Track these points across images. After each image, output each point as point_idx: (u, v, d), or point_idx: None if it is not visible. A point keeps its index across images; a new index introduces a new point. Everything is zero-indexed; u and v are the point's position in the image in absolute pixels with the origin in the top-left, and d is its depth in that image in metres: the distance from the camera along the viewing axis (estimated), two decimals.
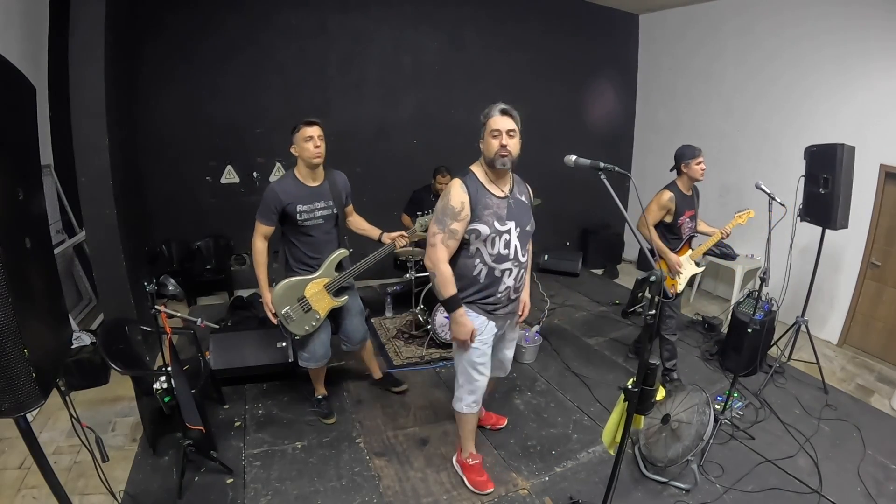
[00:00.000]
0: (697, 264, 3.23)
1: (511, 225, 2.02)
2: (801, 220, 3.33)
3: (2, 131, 1.15)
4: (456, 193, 1.96)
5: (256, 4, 4.44)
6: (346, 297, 2.64)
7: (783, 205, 2.76)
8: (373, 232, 2.71)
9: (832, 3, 4.05)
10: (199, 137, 4.53)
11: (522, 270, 2.14)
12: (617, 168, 1.63)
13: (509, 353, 2.43)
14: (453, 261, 2.05)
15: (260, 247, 2.51)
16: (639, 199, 1.64)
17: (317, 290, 2.55)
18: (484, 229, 1.98)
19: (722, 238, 3.15)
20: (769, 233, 2.58)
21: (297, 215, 2.42)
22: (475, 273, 2.05)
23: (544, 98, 5.69)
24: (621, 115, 6.33)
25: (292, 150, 2.45)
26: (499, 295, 2.10)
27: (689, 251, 3.18)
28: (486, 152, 1.99)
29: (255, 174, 4.80)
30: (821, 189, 3.18)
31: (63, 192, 3.97)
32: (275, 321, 2.56)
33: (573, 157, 1.72)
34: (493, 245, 2.01)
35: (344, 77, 4.89)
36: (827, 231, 3.26)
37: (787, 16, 4.42)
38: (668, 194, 2.98)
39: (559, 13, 5.68)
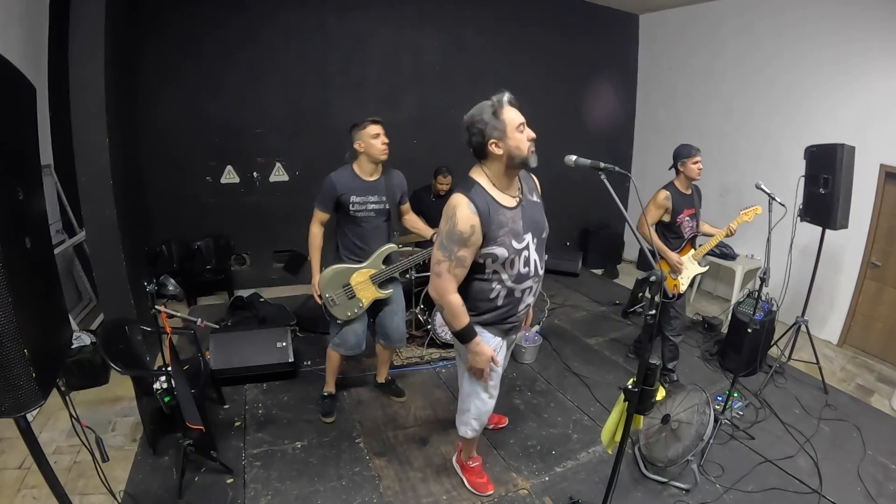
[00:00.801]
0: (700, 264, 3.20)
1: (528, 238, 1.80)
2: (801, 220, 3.33)
3: (2, 131, 1.15)
4: (463, 216, 1.65)
5: (257, 4, 4.44)
6: (391, 289, 2.72)
7: (783, 205, 2.76)
8: (426, 231, 2.79)
9: (832, 4, 4.05)
10: (199, 137, 4.54)
11: (540, 283, 1.95)
12: (617, 168, 1.62)
13: (505, 361, 2.35)
14: (465, 283, 1.80)
15: (315, 231, 2.62)
16: (639, 199, 1.64)
17: (362, 280, 2.63)
18: (502, 252, 1.73)
19: (728, 235, 3.10)
20: (769, 233, 2.58)
21: (350, 206, 2.52)
22: (492, 296, 1.83)
23: (544, 98, 5.68)
24: (621, 115, 6.33)
25: (356, 147, 2.54)
26: (519, 314, 1.93)
27: (692, 251, 3.16)
28: (516, 152, 1.68)
29: (255, 174, 4.80)
30: (821, 189, 3.18)
31: (63, 192, 3.97)
32: (319, 302, 2.66)
33: (573, 157, 1.70)
34: (512, 266, 1.78)
35: (344, 77, 4.89)
36: (827, 231, 3.26)
37: (788, 16, 4.42)
38: (664, 193, 2.98)
39: (559, 13, 5.68)
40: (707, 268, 3.32)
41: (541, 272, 1.89)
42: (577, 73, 5.93)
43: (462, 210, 1.66)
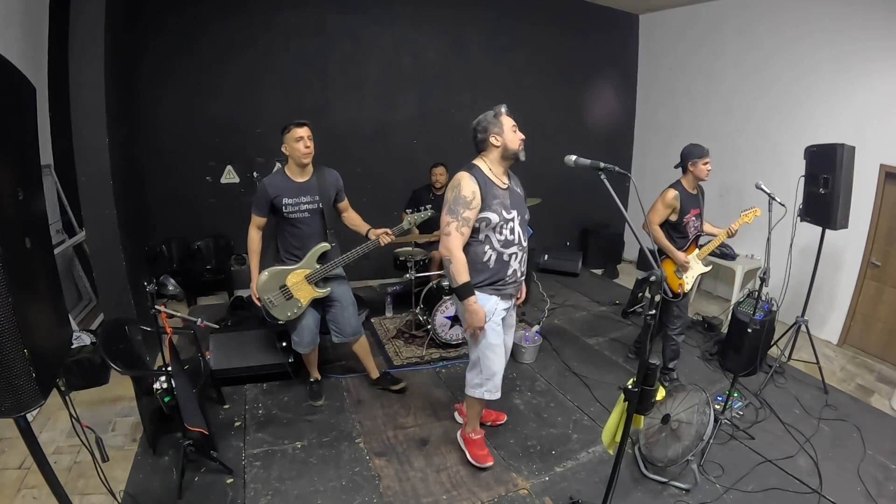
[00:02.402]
0: (704, 264, 3.21)
1: (514, 213, 2.19)
2: (801, 220, 3.33)
3: (2, 131, 1.15)
4: (466, 184, 2.08)
5: (256, 4, 4.44)
6: (329, 288, 2.77)
7: (783, 205, 2.76)
8: (362, 228, 2.82)
9: (832, 4, 4.05)
10: (199, 137, 4.53)
11: (525, 254, 2.33)
12: (617, 168, 1.64)
13: (509, 340, 2.55)
14: (464, 249, 2.16)
15: (253, 236, 2.72)
16: (639, 199, 1.64)
17: (298, 280, 2.70)
18: (494, 217, 2.12)
19: (729, 237, 3.13)
20: (769, 233, 2.58)
21: (283, 208, 2.60)
22: (485, 259, 2.20)
23: (544, 98, 5.69)
24: (621, 115, 6.33)
25: (283, 150, 2.62)
26: (507, 278, 2.26)
27: (696, 250, 3.16)
28: (510, 145, 2.14)
29: (255, 174, 4.80)
30: (821, 189, 3.18)
31: (63, 192, 3.97)
32: (259, 305, 2.75)
33: (573, 157, 1.74)
34: (500, 232, 2.17)
35: (344, 77, 4.89)
36: (827, 231, 3.26)
37: (787, 16, 4.43)
38: (672, 192, 2.98)
39: (559, 13, 5.68)
40: (710, 267, 3.32)
41: (524, 244, 2.28)
42: (577, 73, 5.92)
43: (465, 180, 2.10)
